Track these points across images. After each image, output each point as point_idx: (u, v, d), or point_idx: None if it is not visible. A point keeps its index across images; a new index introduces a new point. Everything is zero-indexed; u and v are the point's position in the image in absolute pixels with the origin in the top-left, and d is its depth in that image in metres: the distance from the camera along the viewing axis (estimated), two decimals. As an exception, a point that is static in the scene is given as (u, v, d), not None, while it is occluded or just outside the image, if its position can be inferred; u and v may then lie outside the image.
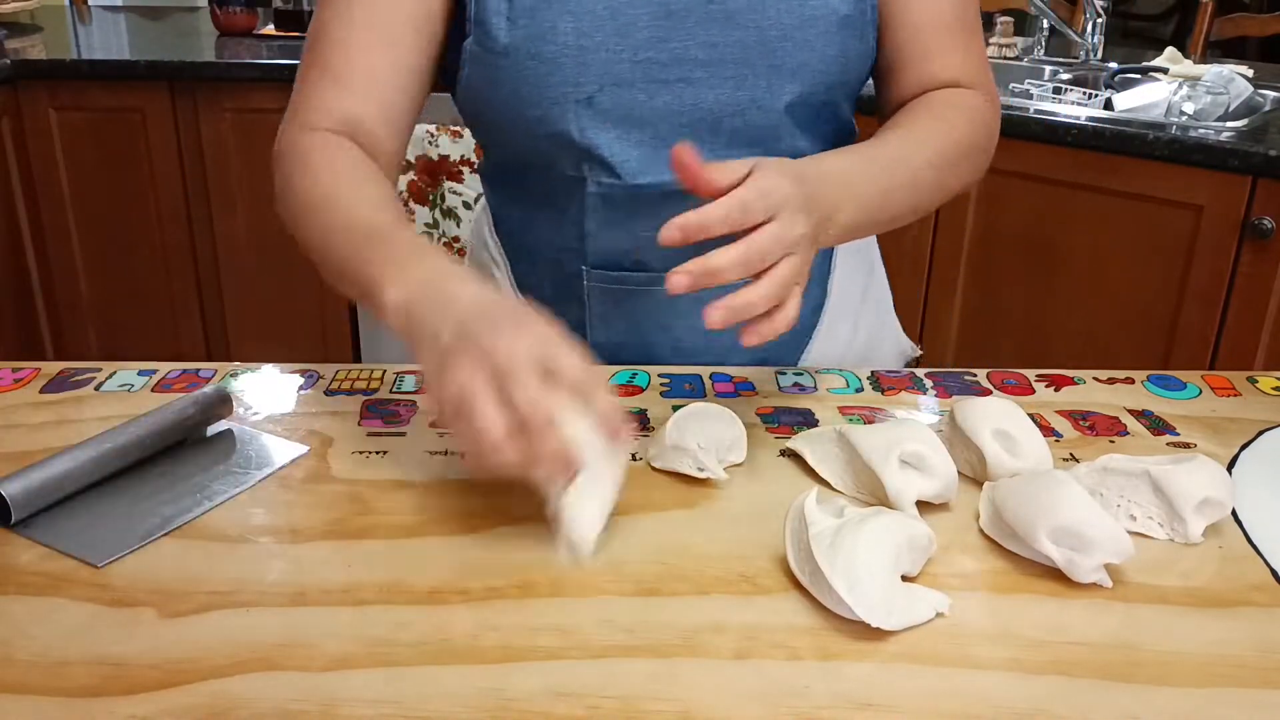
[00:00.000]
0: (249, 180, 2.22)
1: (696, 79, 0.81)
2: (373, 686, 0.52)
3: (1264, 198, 1.60)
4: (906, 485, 0.66)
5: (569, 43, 0.79)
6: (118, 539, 0.63)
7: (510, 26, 0.79)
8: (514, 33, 0.79)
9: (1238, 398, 0.84)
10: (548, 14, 0.78)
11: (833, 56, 0.83)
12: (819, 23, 0.81)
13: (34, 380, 0.83)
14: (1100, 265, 1.78)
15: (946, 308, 1.97)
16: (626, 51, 0.79)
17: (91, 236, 2.27)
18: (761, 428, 0.78)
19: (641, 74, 0.80)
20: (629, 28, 0.79)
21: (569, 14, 0.78)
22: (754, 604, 0.59)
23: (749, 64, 0.81)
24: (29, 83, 2.12)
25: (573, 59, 0.79)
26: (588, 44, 0.79)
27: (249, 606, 0.58)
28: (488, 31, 0.80)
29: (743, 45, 0.81)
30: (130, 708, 0.51)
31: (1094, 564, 0.60)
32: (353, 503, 0.68)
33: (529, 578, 0.61)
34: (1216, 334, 1.70)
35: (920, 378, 0.87)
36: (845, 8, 0.82)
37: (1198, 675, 0.54)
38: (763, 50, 0.81)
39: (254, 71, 2.14)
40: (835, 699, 0.52)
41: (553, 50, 0.79)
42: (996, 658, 0.55)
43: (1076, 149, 1.73)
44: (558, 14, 0.78)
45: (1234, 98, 1.91)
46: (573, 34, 0.78)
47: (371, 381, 0.84)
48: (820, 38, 0.82)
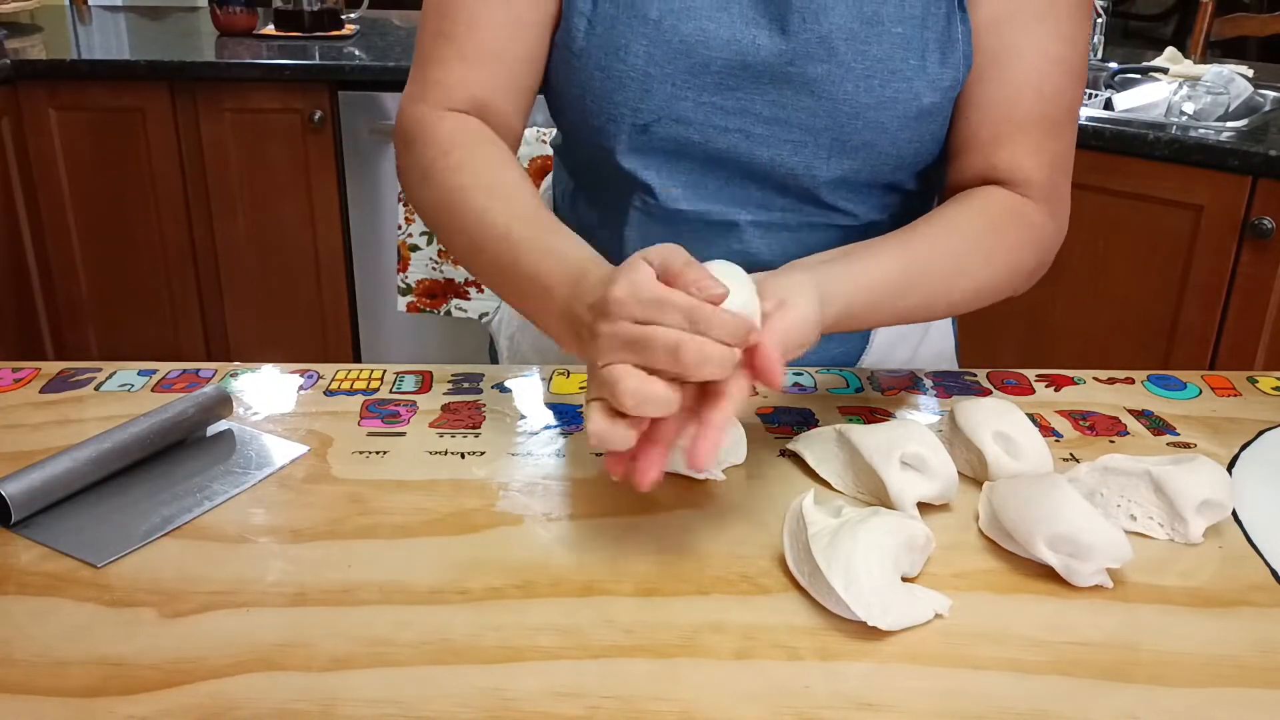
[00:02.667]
0: (249, 180, 2.22)
1: (755, 134, 0.79)
2: (373, 686, 0.52)
3: (1264, 198, 1.60)
4: (908, 486, 0.66)
5: (637, 66, 0.77)
6: (118, 539, 0.63)
7: (589, 30, 0.78)
8: (591, 38, 0.78)
9: (1238, 398, 0.84)
10: (625, 31, 0.77)
11: (905, 141, 0.79)
12: (897, 106, 0.77)
13: (34, 380, 0.83)
14: (1100, 265, 1.78)
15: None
16: (692, 91, 0.77)
17: (91, 236, 2.27)
18: (761, 428, 0.78)
19: (702, 116, 0.78)
20: (701, 69, 0.77)
21: (644, 38, 0.76)
22: (754, 604, 0.59)
23: (813, 133, 0.78)
24: (29, 83, 2.12)
25: (638, 83, 0.77)
26: (655, 73, 0.77)
27: (249, 606, 0.58)
28: (569, 30, 0.79)
29: (811, 113, 0.77)
30: (130, 708, 0.51)
31: (1092, 569, 0.60)
32: (353, 503, 0.68)
33: (529, 578, 0.61)
34: (1216, 334, 1.70)
35: (920, 378, 0.87)
36: (930, 95, 0.77)
37: (1197, 675, 0.54)
38: (830, 123, 0.78)
39: (254, 71, 2.14)
40: (835, 699, 0.52)
41: (620, 70, 0.77)
42: (996, 658, 0.55)
43: (1077, 149, 1.73)
44: (634, 34, 0.76)
45: (1234, 98, 1.91)
46: (643, 58, 0.77)
47: (371, 381, 0.84)
48: (895, 121, 0.77)
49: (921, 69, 0.77)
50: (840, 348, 0.90)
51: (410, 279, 2.19)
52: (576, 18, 0.78)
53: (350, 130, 2.18)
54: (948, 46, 0.77)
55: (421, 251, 2.16)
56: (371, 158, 2.20)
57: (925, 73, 0.77)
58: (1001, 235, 0.78)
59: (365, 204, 2.24)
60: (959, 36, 0.78)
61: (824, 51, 0.76)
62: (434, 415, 0.78)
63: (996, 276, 0.78)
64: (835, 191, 0.82)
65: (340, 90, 2.15)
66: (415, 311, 2.22)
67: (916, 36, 0.77)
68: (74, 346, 2.35)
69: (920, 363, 0.96)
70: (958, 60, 0.78)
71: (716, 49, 0.76)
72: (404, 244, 2.16)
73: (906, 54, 0.76)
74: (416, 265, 2.17)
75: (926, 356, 0.97)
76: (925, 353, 0.96)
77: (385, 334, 2.37)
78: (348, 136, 2.18)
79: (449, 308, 2.20)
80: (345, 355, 2.37)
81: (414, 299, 2.21)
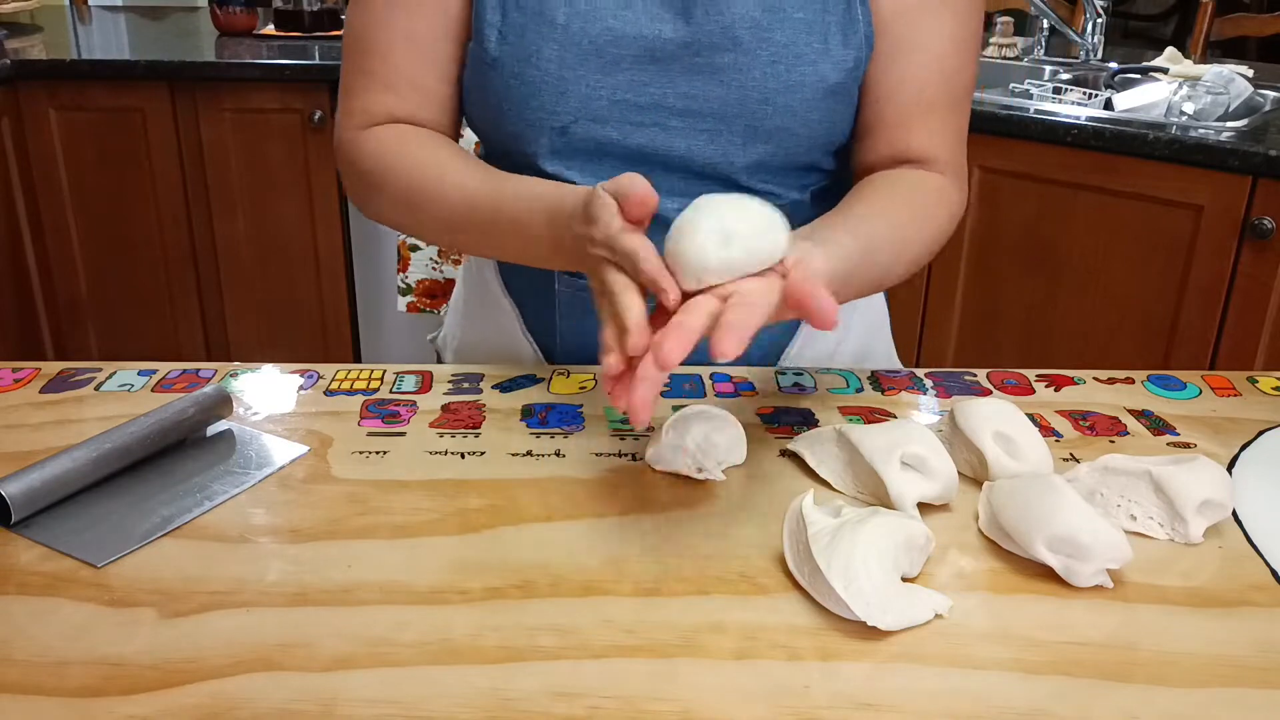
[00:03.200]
0: (249, 180, 2.22)
1: (671, 127, 0.81)
2: (373, 686, 0.52)
3: (1264, 198, 1.60)
4: (908, 487, 0.66)
5: (550, 70, 0.79)
6: (118, 539, 0.63)
7: (500, 40, 0.80)
8: (503, 48, 0.80)
9: (1238, 398, 0.84)
10: (535, 38, 0.79)
11: (816, 121, 0.82)
12: (804, 89, 0.80)
13: (34, 380, 0.83)
14: (1100, 265, 1.78)
15: (946, 308, 1.97)
16: (605, 89, 0.80)
17: (91, 236, 2.27)
18: (761, 428, 0.78)
19: (618, 114, 0.81)
20: (611, 66, 0.80)
21: (555, 42, 0.79)
22: (754, 604, 0.59)
23: (726, 120, 0.81)
24: (29, 83, 2.12)
25: (552, 87, 0.80)
26: (569, 75, 0.79)
27: (249, 606, 0.58)
28: (481, 41, 0.81)
29: (722, 102, 0.80)
30: (130, 708, 0.51)
31: (1092, 570, 0.60)
32: (353, 503, 0.68)
33: (529, 578, 0.61)
34: (1216, 334, 1.70)
35: (920, 378, 0.87)
36: (835, 76, 0.80)
37: (1197, 675, 0.54)
38: (741, 110, 0.80)
39: (254, 71, 2.14)
40: (835, 699, 0.52)
41: (534, 75, 0.79)
42: (996, 658, 0.55)
43: (1076, 149, 1.73)
44: (544, 39, 0.79)
45: (1234, 98, 1.91)
46: (555, 63, 0.79)
47: (371, 381, 0.84)
48: (804, 104, 0.80)
49: (825, 51, 0.80)
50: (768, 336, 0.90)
51: (410, 279, 2.19)
52: (488, 29, 0.81)
53: (350, 130, 2.18)
54: (849, 28, 0.81)
55: (421, 251, 2.16)
56: (371, 158, 2.20)
57: (829, 55, 0.80)
58: (927, 208, 0.83)
59: (365, 204, 2.24)
60: (859, 17, 0.81)
61: (728, 41, 0.79)
62: (434, 415, 0.78)
63: (929, 244, 0.83)
64: (754, 175, 0.84)
65: (340, 90, 2.15)
66: (415, 311, 2.22)
67: (819, 21, 0.80)
68: (74, 346, 2.35)
69: (848, 353, 0.97)
70: (859, 41, 0.81)
71: (625, 46, 0.79)
72: (404, 244, 2.16)
73: (810, 38, 0.80)
74: (416, 265, 2.17)
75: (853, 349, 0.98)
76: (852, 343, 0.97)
77: (385, 334, 2.37)
78: (348, 136, 2.18)
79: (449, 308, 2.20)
80: (345, 355, 2.37)
81: (414, 299, 2.21)
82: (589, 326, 0.89)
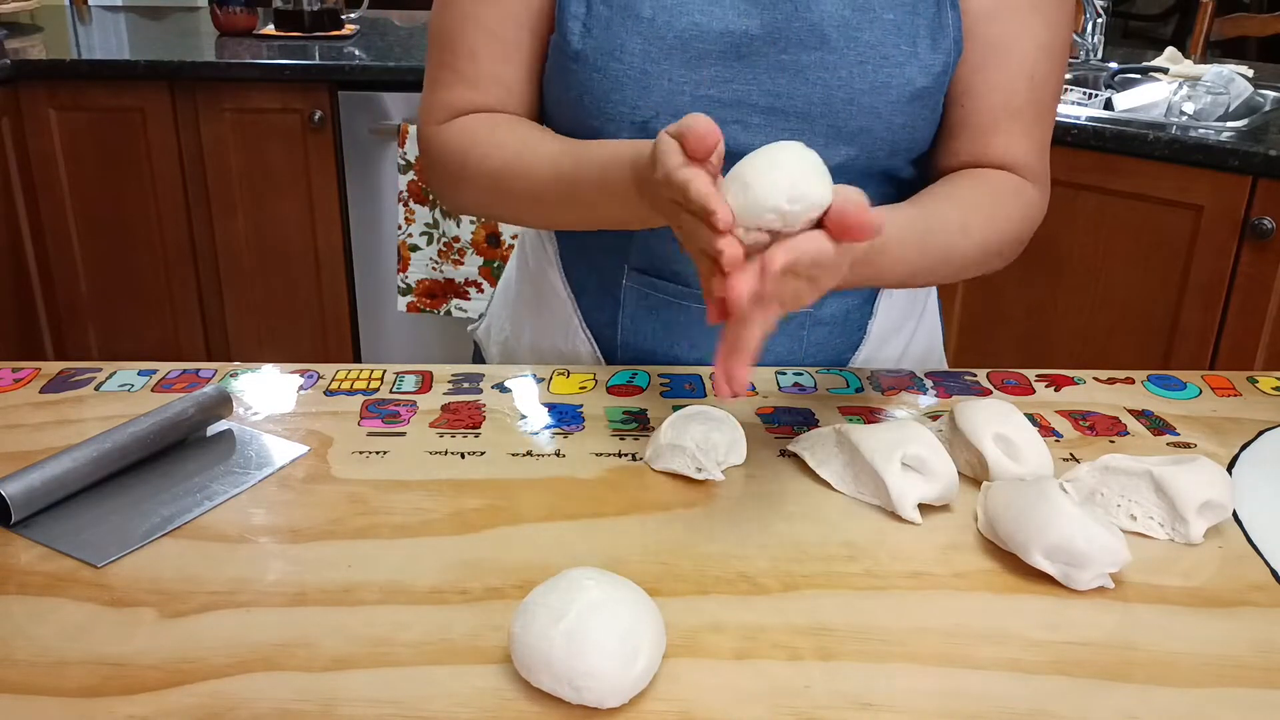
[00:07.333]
0: (249, 180, 2.22)
1: (753, 124, 0.80)
2: (373, 686, 0.52)
3: (1264, 198, 1.60)
4: (908, 487, 0.66)
5: (635, 64, 0.78)
6: (118, 539, 0.63)
7: (584, 34, 0.79)
8: (587, 41, 0.79)
9: (1238, 398, 0.84)
10: (620, 31, 0.78)
11: (899, 125, 0.80)
12: (890, 91, 0.78)
13: (34, 380, 0.83)
14: (1100, 265, 1.78)
15: (947, 308, 1.95)
16: (689, 85, 0.79)
17: (91, 236, 2.27)
18: (761, 428, 0.78)
19: (700, 110, 0.78)
20: (696, 62, 0.78)
21: (640, 36, 0.78)
22: (754, 604, 0.59)
23: (809, 120, 0.80)
24: (29, 83, 2.12)
25: (635, 82, 0.79)
26: (653, 70, 0.78)
27: (249, 606, 0.58)
28: (564, 34, 0.80)
29: (806, 100, 0.79)
30: (130, 708, 0.51)
31: (1090, 575, 0.60)
32: (353, 503, 0.68)
33: (529, 578, 0.60)
34: (1216, 334, 1.70)
35: (920, 378, 0.87)
36: (922, 80, 0.79)
37: (1197, 675, 0.54)
38: (826, 109, 0.79)
39: (254, 71, 2.14)
40: (835, 699, 0.52)
41: (618, 69, 0.78)
42: (996, 658, 0.55)
43: (1076, 149, 1.73)
44: (629, 33, 0.78)
45: (1234, 98, 1.91)
46: (640, 57, 0.78)
47: (371, 381, 0.84)
48: (889, 107, 0.79)
49: (913, 54, 0.79)
50: (838, 339, 0.90)
51: (410, 279, 2.19)
52: (571, 21, 0.80)
53: (350, 130, 2.18)
54: (938, 32, 0.79)
55: (421, 251, 2.16)
56: (371, 158, 2.20)
57: (917, 58, 0.79)
58: (1001, 203, 0.82)
59: (365, 204, 2.24)
60: (949, 23, 0.80)
61: (815, 39, 0.78)
62: (434, 415, 0.78)
63: (996, 239, 0.81)
64: (834, 179, 0.82)
65: (340, 90, 2.15)
66: (415, 311, 2.22)
67: (908, 23, 0.79)
68: (74, 346, 2.35)
69: (910, 360, 0.96)
70: (949, 46, 0.80)
71: (710, 41, 0.78)
72: (404, 244, 2.16)
73: (898, 40, 0.78)
74: (416, 265, 2.17)
75: (916, 354, 0.97)
76: (915, 350, 0.97)
77: (385, 334, 2.37)
78: (348, 136, 2.18)
79: (449, 308, 2.20)
80: (345, 355, 2.37)
81: (414, 299, 2.21)
82: (652, 328, 0.89)
